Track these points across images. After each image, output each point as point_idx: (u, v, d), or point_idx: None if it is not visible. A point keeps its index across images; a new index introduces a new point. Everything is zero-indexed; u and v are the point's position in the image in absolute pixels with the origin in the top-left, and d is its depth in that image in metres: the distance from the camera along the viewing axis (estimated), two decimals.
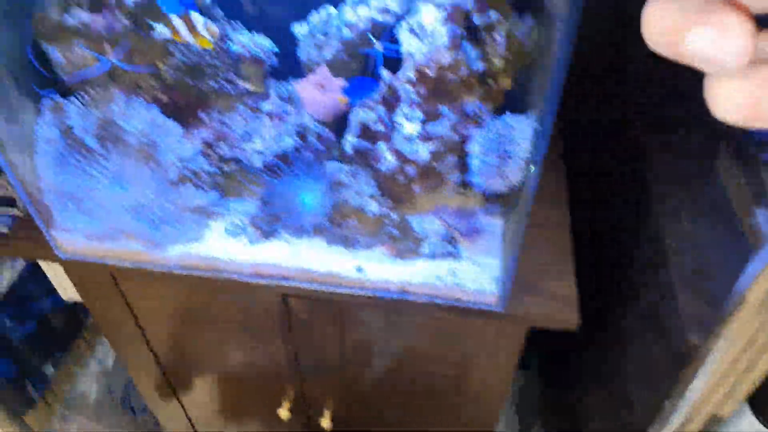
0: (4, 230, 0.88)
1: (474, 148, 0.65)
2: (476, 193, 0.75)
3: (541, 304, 0.78)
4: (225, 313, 1.00)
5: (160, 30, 0.64)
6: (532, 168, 0.57)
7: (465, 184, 0.74)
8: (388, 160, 0.72)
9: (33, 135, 0.77)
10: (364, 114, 0.71)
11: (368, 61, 0.72)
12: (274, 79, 0.75)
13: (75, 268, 0.94)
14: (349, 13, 0.71)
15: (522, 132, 0.61)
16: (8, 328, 1.16)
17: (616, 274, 0.91)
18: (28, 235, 0.89)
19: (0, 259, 1.09)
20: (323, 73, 0.73)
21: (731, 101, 0.21)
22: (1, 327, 1.11)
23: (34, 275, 1.20)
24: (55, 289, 1.27)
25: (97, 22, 0.69)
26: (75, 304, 1.17)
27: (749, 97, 0.20)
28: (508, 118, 0.61)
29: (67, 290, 1.04)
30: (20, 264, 1.08)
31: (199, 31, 0.61)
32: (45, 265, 1.03)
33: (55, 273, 1.02)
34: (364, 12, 0.71)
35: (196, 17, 0.61)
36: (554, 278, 0.80)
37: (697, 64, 0.20)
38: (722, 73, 0.20)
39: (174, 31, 0.62)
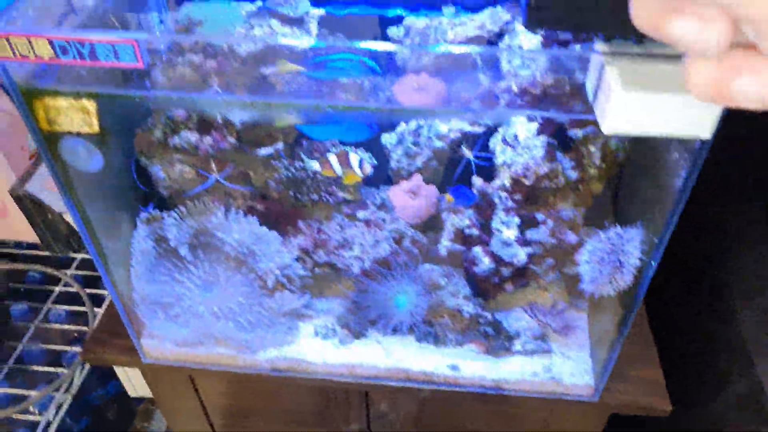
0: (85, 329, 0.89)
1: (580, 255, 0.67)
2: (566, 289, 0.78)
3: (631, 392, 0.80)
4: (299, 403, 1.00)
5: (313, 165, 0.67)
6: (645, 277, 0.60)
7: (558, 282, 0.77)
8: (484, 263, 0.74)
9: (129, 247, 0.79)
10: (459, 220, 0.74)
11: (459, 168, 0.76)
12: (366, 186, 0.78)
13: (153, 370, 0.94)
14: (440, 125, 0.75)
15: (631, 241, 0.64)
16: (67, 426, 1.14)
17: (696, 354, 0.93)
18: (108, 340, 0.89)
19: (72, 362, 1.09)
20: (416, 180, 0.76)
21: (702, 81, 0.23)
22: (63, 428, 1.09)
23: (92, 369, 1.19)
24: (109, 379, 1.26)
25: (205, 142, 0.72)
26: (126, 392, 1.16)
27: (718, 79, 0.22)
28: (618, 228, 0.64)
29: (137, 388, 1.04)
30: (87, 366, 1.07)
31: (352, 168, 0.64)
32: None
33: (125, 371, 1.02)
34: (454, 123, 0.75)
35: (353, 156, 0.64)
36: (641, 366, 0.82)
37: (678, 47, 0.22)
38: (700, 55, 0.23)
39: (327, 167, 0.65)
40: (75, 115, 0.61)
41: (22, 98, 0.61)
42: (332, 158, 0.65)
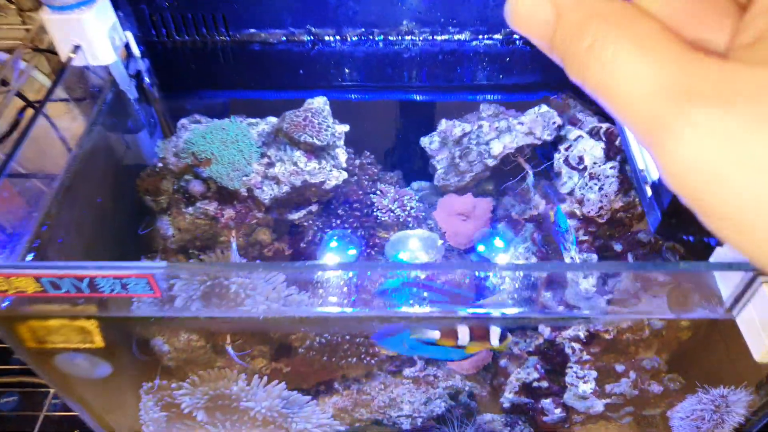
0: None
1: (674, 412, 0.59)
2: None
3: None
4: None
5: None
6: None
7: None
8: (554, 413, 0.65)
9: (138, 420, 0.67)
10: (526, 374, 0.64)
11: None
12: None
13: None
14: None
15: (736, 404, 0.55)
16: None
17: None
18: None
19: None
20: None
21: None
22: None
23: None
24: None
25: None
26: None
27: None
28: (722, 390, 0.56)
29: None
30: None
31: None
32: None
33: None
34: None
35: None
36: None
37: None
38: None
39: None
40: (72, 334, 0.48)
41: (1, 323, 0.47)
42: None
